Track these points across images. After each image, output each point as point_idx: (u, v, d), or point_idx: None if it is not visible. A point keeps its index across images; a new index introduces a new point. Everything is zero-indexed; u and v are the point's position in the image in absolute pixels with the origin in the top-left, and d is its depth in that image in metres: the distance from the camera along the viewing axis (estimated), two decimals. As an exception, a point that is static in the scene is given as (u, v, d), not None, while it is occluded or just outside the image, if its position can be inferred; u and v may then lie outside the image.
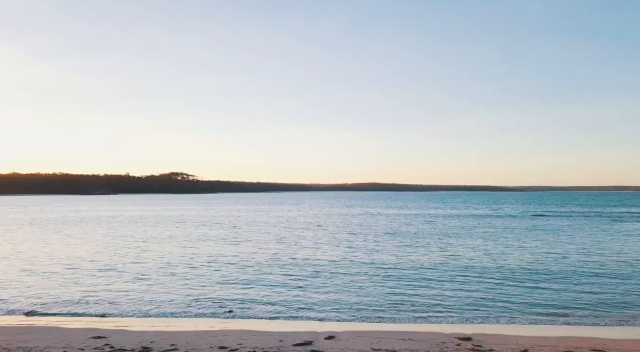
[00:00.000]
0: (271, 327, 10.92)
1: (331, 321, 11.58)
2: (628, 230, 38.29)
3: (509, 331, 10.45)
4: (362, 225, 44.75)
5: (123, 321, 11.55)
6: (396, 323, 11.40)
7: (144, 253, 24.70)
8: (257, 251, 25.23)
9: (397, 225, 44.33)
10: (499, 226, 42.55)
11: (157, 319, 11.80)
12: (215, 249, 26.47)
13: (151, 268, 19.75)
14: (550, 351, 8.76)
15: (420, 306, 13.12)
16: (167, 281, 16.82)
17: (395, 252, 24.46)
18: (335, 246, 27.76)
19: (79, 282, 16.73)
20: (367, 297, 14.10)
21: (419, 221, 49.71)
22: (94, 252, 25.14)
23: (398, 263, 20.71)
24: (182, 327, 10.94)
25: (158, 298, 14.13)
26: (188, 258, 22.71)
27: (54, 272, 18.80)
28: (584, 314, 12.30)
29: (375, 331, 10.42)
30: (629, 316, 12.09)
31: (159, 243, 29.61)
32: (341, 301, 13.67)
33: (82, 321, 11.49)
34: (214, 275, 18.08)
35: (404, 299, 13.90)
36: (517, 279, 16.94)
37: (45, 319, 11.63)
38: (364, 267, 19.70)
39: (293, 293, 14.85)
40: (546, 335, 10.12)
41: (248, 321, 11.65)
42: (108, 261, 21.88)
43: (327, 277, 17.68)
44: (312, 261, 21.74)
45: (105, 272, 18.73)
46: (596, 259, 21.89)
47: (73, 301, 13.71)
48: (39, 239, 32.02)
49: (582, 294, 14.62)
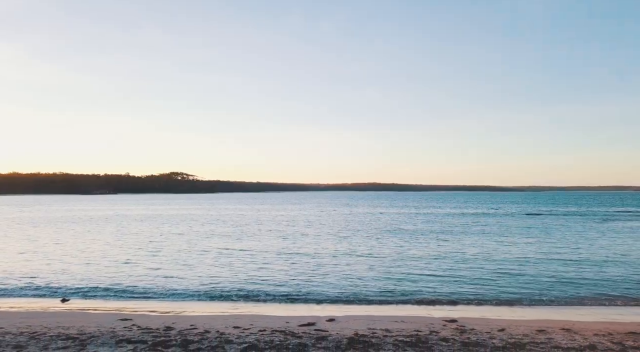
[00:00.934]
0: (278, 311, 12.19)
1: (332, 306, 12.89)
2: (617, 228, 39.54)
3: (490, 315, 11.71)
4: (363, 222, 46.07)
5: (145, 307, 12.80)
6: (390, 307, 12.71)
7: (159, 247, 26.46)
8: (263, 245, 26.88)
9: (397, 222, 45.57)
10: (494, 224, 43.79)
11: (176, 304, 13.11)
12: (224, 243, 28.17)
13: (167, 260, 21.41)
14: (525, 329, 9.99)
15: (413, 293, 14.41)
16: (182, 272, 18.33)
17: (393, 246, 25.87)
18: (337, 240, 29.24)
19: (103, 273, 18.19)
20: (365, 286, 15.40)
21: (417, 219, 50.94)
22: (112, 247, 26.87)
23: (394, 255, 22.05)
24: (198, 311, 12.19)
25: (175, 286, 15.55)
26: (200, 252, 24.46)
27: (79, 265, 20.31)
28: (556, 299, 13.73)
29: (372, 315, 11.67)
30: (594, 300, 13.60)
31: (171, 239, 31.25)
32: (341, 289, 14.96)
33: (108, 307, 12.76)
34: (225, 266, 19.65)
35: (398, 287, 15.18)
36: (502, 270, 18.38)
37: (76, 305, 12.92)
38: (362, 259, 21.17)
39: (297, 282, 16.29)
40: (523, 317, 11.40)
41: (257, 306, 12.93)
42: (126, 254, 23.57)
43: (328, 267, 19.23)
44: (315, 253, 23.39)
45: (125, 264, 20.38)
46: (575, 252, 23.46)
47: (99, 290, 15.14)
48: (57, 236, 33.53)
49: (556, 282, 16.12)
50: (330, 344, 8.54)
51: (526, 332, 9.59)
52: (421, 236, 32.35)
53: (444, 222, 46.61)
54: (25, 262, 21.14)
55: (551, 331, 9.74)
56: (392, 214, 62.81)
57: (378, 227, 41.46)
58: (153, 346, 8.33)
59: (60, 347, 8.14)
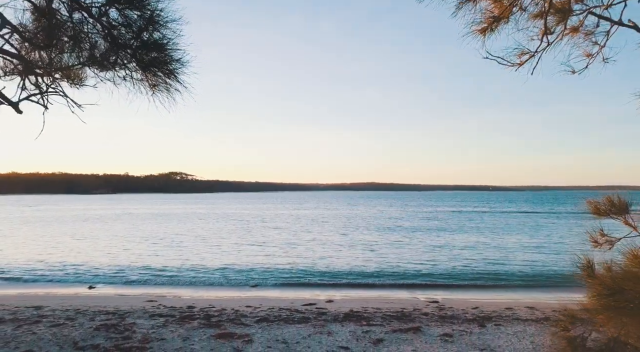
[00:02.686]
0: (284, 295, 13.89)
1: (331, 290, 14.77)
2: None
3: (468, 297, 13.42)
4: (363, 219, 47.80)
5: (166, 293, 14.47)
6: (382, 291, 14.58)
7: (174, 241, 29.07)
8: (269, 239, 29.63)
9: (394, 220, 47.30)
10: (487, 221, 45.54)
11: (192, 291, 14.84)
12: (234, 238, 30.88)
13: (183, 253, 23.49)
14: (496, 308, 11.66)
15: (403, 279, 16.46)
16: (198, 262, 20.44)
17: (389, 240, 27.85)
18: (338, 235, 31.61)
19: (125, 263, 20.26)
20: (362, 274, 17.38)
21: (414, 217, 52.68)
22: (129, 241, 29.12)
23: (390, 247, 24.14)
24: (213, 296, 13.87)
25: (193, 275, 17.55)
26: (213, 244, 27.07)
27: (101, 257, 22.30)
28: (529, 284, 15.82)
29: (366, 297, 13.37)
30: (556, 283, 15.65)
31: (183, 234, 33.76)
32: (340, 277, 16.95)
33: (134, 292, 14.44)
34: (236, 257, 22.05)
35: (391, 275, 17.11)
36: (486, 260, 20.61)
37: (103, 291, 14.60)
38: (360, 251, 23.66)
39: (300, 268, 18.57)
40: (496, 299, 13.11)
41: (264, 292, 14.66)
42: (143, 248, 25.66)
43: (329, 257, 21.51)
44: (317, 246, 25.99)
45: (143, 256, 22.51)
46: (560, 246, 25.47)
47: (123, 278, 16.98)
48: (75, 232, 35.65)
49: (532, 270, 18.21)
50: (329, 317, 10.20)
51: (495, 309, 11.27)
52: (418, 232, 34.33)
53: (439, 219, 48.38)
54: (49, 255, 22.97)
55: (517, 308, 11.42)
56: (391, 212, 64.55)
57: (377, 224, 43.25)
58: (180, 318, 9.97)
59: (104, 318, 9.78)
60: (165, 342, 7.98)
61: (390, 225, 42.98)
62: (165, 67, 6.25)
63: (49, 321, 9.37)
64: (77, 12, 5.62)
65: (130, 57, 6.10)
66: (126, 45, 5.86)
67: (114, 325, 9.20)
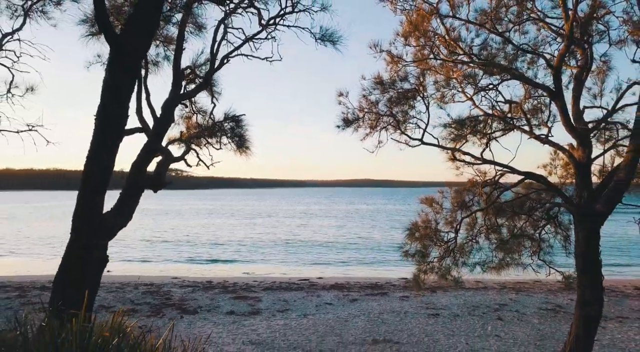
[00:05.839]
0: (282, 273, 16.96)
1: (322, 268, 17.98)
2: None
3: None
4: (358, 214, 50.99)
5: (182, 274, 17.43)
6: (364, 271, 17.88)
7: (191, 233, 33.20)
8: (272, 232, 33.94)
9: (386, 213, 50.47)
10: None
11: (208, 270, 17.91)
12: (241, 231, 34.76)
13: (197, 244, 27.14)
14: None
15: (384, 264, 19.63)
16: (211, 251, 23.96)
17: (378, 230, 31.71)
18: (333, 228, 35.65)
19: (149, 252, 23.29)
20: (349, 257, 20.79)
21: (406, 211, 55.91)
22: (146, 235, 32.35)
23: (378, 237, 27.35)
24: (224, 275, 16.86)
25: (205, 257, 21.01)
26: (224, 236, 31.40)
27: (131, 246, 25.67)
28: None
29: (350, 276, 16.43)
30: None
31: (196, 227, 38.29)
32: (328, 261, 20.14)
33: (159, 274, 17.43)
34: (242, 248, 25.52)
35: (373, 258, 20.47)
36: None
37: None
38: (352, 240, 27.85)
39: (297, 256, 22.22)
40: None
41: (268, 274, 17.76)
42: (162, 240, 29.30)
43: (321, 247, 25.22)
44: (315, 237, 29.85)
45: (161, 247, 25.78)
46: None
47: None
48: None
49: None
50: (319, 287, 13.19)
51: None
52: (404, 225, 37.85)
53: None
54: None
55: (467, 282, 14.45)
56: (384, 207, 67.76)
57: (371, 217, 46.65)
58: (204, 288, 12.91)
59: (144, 289, 12.68)
60: (198, 301, 10.94)
61: (381, 217, 46.09)
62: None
63: (103, 290, 12.23)
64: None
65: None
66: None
67: (155, 291, 12.15)
